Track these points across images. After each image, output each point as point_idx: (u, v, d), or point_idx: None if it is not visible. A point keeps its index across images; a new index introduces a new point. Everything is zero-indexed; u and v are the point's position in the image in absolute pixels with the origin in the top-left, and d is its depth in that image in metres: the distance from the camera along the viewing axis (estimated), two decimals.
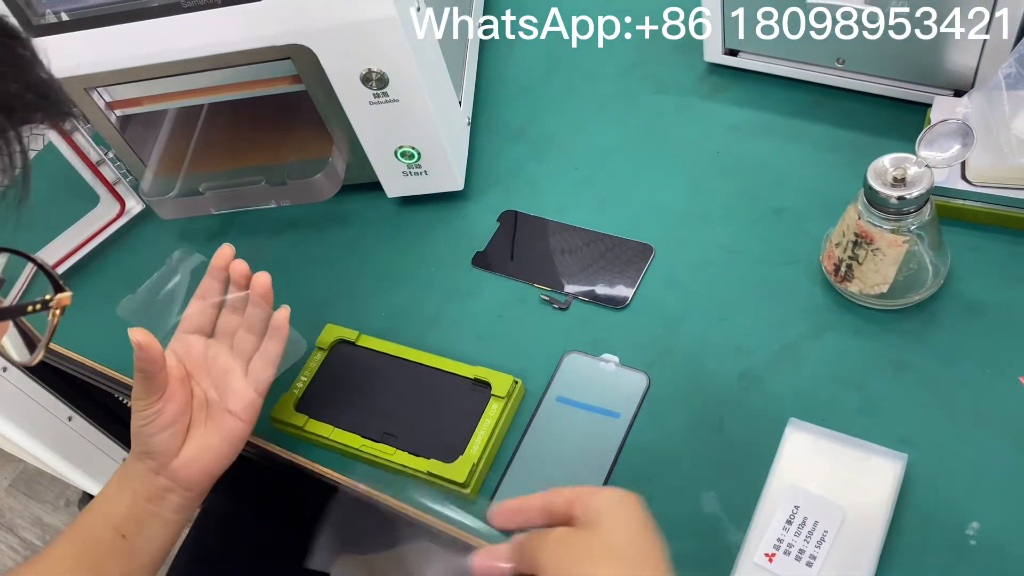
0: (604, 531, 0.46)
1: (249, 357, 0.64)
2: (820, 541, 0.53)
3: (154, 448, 0.60)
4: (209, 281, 0.66)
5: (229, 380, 0.63)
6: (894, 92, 0.73)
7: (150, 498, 0.61)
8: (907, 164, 0.57)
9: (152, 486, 0.61)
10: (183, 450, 0.61)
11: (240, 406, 0.62)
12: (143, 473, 0.61)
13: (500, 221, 0.77)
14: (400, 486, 0.63)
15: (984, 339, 0.60)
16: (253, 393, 0.63)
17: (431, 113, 0.70)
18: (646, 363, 0.65)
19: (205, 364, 0.64)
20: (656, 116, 0.81)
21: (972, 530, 0.53)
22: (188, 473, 0.61)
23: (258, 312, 0.64)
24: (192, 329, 0.65)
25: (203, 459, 0.61)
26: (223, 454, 0.62)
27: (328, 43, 0.65)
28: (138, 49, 0.67)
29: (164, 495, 0.61)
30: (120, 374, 0.76)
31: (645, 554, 0.46)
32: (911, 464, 0.55)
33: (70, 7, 0.64)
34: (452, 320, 0.71)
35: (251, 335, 0.64)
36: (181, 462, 0.61)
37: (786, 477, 0.57)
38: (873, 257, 0.60)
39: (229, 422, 0.62)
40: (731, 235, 0.70)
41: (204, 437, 0.61)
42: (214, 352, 0.64)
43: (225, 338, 0.65)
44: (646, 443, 0.61)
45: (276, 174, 0.76)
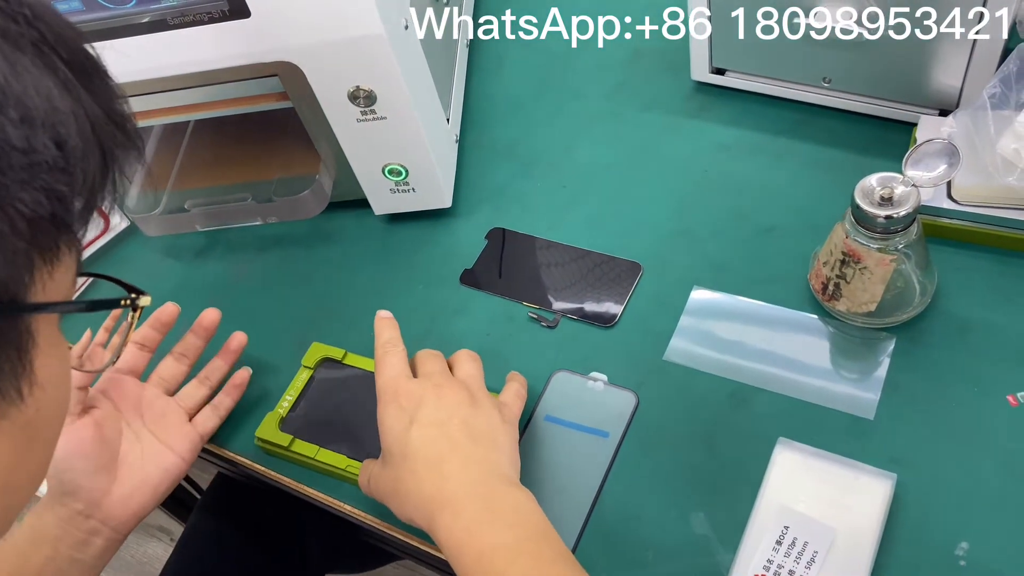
0: (405, 462, 0.53)
1: (194, 407, 0.66)
2: (810, 562, 0.53)
3: (82, 487, 0.58)
4: (147, 331, 0.66)
5: (169, 422, 0.63)
6: (880, 111, 0.74)
7: (74, 544, 0.58)
8: (894, 183, 0.57)
9: (77, 530, 0.59)
10: (115, 487, 0.60)
11: (185, 447, 0.63)
12: (65, 519, 0.59)
13: (488, 239, 0.77)
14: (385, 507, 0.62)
15: (972, 358, 0.60)
16: (197, 435, 0.64)
17: (419, 131, 0.70)
18: (635, 382, 0.64)
19: (139, 404, 0.64)
20: (644, 134, 0.81)
21: (962, 550, 0.53)
22: (122, 511, 0.60)
23: (222, 366, 0.68)
24: (125, 370, 0.65)
25: (138, 495, 0.60)
26: (159, 491, 0.61)
27: (315, 60, 0.65)
28: (125, 65, 0.66)
29: (90, 539, 0.59)
30: None
31: (453, 469, 0.52)
32: (900, 484, 0.55)
33: None
34: (440, 338, 0.71)
35: (203, 387, 0.66)
36: (114, 499, 0.59)
37: (776, 497, 0.56)
38: (861, 276, 0.60)
39: (169, 458, 0.62)
40: (719, 253, 0.70)
41: (140, 471, 0.61)
42: (150, 395, 0.64)
43: (161, 383, 0.66)
44: (635, 463, 0.61)
45: (262, 191, 0.76)
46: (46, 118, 0.31)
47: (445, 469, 0.52)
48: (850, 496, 0.55)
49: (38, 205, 0.31)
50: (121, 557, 1.53)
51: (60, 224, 0.33)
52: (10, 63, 0.31)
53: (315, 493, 0.64)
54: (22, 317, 0.32)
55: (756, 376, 0.63)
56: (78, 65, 0.34)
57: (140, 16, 0.63)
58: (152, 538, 1.54)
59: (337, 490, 0.64)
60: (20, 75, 0.31)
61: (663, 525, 0.58)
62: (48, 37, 0.33)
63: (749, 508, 0.56)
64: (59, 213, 0.32)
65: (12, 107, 0.30)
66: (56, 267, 0.33)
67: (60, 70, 0.33)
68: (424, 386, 0.56)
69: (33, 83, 0.31)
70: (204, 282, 0.80)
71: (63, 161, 0.32)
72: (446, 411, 0.55)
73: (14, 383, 0.32)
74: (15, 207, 0.30)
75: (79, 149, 0.33)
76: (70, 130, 0.32)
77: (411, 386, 0.56)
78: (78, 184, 0.33)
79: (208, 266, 0.81)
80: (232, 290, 0.79)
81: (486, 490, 0.51)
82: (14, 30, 0.32)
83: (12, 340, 0.32)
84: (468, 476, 0.52)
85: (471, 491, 0.51)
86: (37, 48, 0.32)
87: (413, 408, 0.55)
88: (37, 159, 0.31)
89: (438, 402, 0.55)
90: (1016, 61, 0.63)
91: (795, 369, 0.63)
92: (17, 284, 0.31)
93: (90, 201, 0.35)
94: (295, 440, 0.64)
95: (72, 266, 0.35)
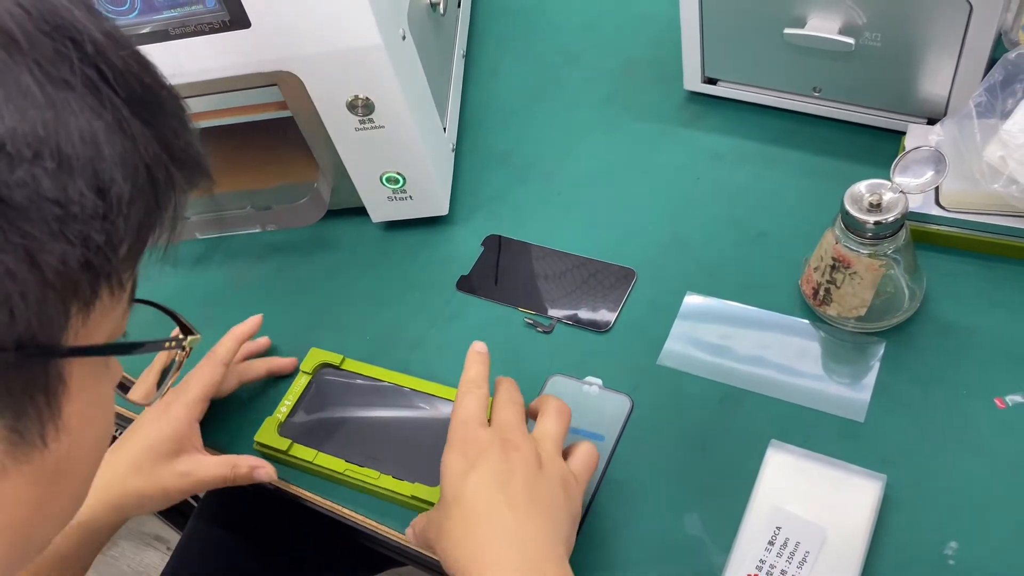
0: (456, 509, 0.50)
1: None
2: (802, 562, 0.54)
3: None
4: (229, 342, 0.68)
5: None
6: (869, 120, 0.75)
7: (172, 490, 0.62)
8: (882, 190, 0.58)
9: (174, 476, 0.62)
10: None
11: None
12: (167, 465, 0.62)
13: (484, 246, 0.78)
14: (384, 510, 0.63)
15: (960, 361, 0.61)
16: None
17: (416, 139, 0.71)
18: (630, 386, 0.65)
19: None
20: (637, 143, 0.82)
21: (951, 549, 0.54)
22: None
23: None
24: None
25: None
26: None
27: (314, 70, 0.66)
28: None
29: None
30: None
31: (504, 528, 0.49)
32: (890, 485, 0.56)
33: None
34: (437, 344, 0.72)
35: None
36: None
37: (768, 498, 0.57)
38: (851, 281, 0.61)
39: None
40: (712, 259, 0.72)
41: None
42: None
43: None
44: (630, 465, 0.62)
45: (261, 199, 0.77)
46: (88, 164, 0.29)
47: (494, 527, 0.49)
48: (841, 497, 0.56)
49: (69, 255, 0.29)
50: (117, 567, 1.53)
51: (97, 271, 0.31)
52: (53, 106, 0.29)
53: (314, 497, 0.65)
54: (53, 362, 0.30)
55: (748, 380, 0.64)
56: (139, 101, 0.32)
57: (142, 26, 0.64)
58: (148, 547, 1.54)
59: (335, 494, 0.65)
60: (63, 119, 0.29)
61: (657, 526, 0.58)
62: (108, 75, 0.31)
63: (742, 509, 0.57)
64: (95, 261, 0.30)
65: (48, 156, 0.28)
66: (94, 310, 0.31)
67: (115, 109, 0.31)
68: (493, 438, 0.53)
69: (78, 127, 0.29)
70: (203, 289, 0.81)
71: (103, 208, 0.30)
72: (509, 469, 0.51)
73: (38, 428, 0.31)
74: (43, 257, 0.28)
75: (125, 195, 0.31)
76: (116, 175, 0.30)
77: (479, 434, 0.53)
78: (120, 231, 0.31)
79: (208, 273, 0.82)
80: (231, 297, 0.80)
81: (530, 566, 0.48)
82: (64, 70, 0.30)
83: (41, 385, 0.30)
84: (516, 544, 0.48)
85: (517, 562, 0.48)
86: (91, 86, 0.30)
87: (475, 457, 0.52)
88: (73, 209, 0.29)
89: (503, 457, 0.51)
90: (1001, 70, 0.64)
91: (787, 373, 0.64)
92: (47, 329, 0.29)
93: (139, 243, 0.33)
94: (293, 444, 0.65)
95: (117, 306, 0.33)
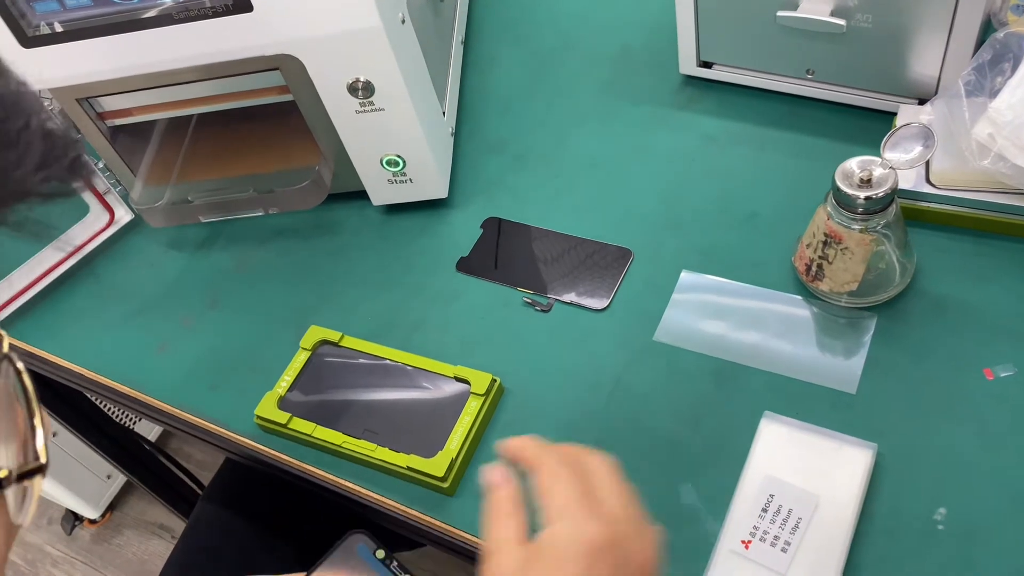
0: (548, 553, 0.44)
1: None
2: (795, 528, 0.55)
3: None
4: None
5: None
6: (861, 101, 0.76)
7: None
8: (873, 166, 0.59)
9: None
10: None
11: None
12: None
13: (483, 228, 0.79)
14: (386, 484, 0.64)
15: (950, 334, 0.63)
16: None
17: (416, 122, 0.72)
18: (626, 362, 0.66)
19: None
20: (634, 127, 0.83)
21: (940, 515, 0.55)
22: None
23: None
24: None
25: None
26: None
27: (315, 53, 0.67)
28: (131, 60, 0.69)
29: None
30: (112, 380, 0.77)
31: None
32: (881, 454, 0.57)
33: (64, 18, 0.66)
34: (437, 323, 0.73)
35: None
36: None
37: (761, 468, 0.58)
38: (842, 256, 0.62)
39: None
40: (706, 239, 0.73)
41: None
42: None
43: None
44: (625, 437, 0.63)
45: (264, 183, 0.78)
46: None
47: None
48: (833, 465, 0.57)
49: None
50: (122, 555, 1.54)
51: None
52: None
53: (314, 470, 0.66)
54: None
55: (743, 354, 0.65)
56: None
57: (145, 11, 0.65)
58: (153, 536, 1.55)
59: (336, 467, 0.66)
60: None
61: (654, 496, 0.59)
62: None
63: (736, 479, 0.58)
64: None
65: None
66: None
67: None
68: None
69: None
70: (207, 272, 0.82)
71: None
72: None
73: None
74: None
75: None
76: None
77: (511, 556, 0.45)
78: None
79: (211, 256, 0.84)
80: (234, 279, 0.81)
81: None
82: None
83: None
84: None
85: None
86: None
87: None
88: None
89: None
90: (989, 50, 0.65)
91: (780, 347, 0.65)
92: None
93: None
94: (293, 418, 0.66)
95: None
